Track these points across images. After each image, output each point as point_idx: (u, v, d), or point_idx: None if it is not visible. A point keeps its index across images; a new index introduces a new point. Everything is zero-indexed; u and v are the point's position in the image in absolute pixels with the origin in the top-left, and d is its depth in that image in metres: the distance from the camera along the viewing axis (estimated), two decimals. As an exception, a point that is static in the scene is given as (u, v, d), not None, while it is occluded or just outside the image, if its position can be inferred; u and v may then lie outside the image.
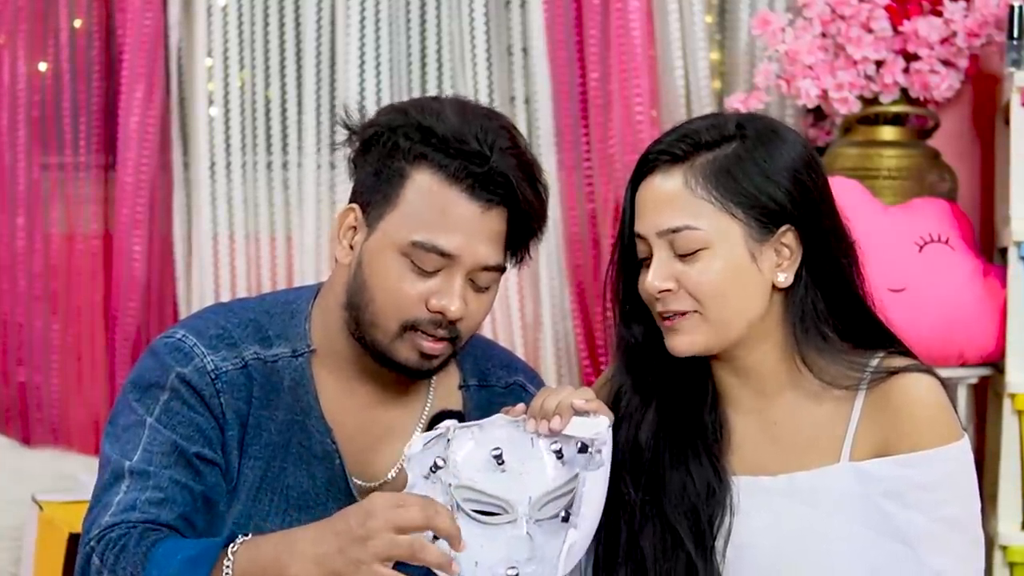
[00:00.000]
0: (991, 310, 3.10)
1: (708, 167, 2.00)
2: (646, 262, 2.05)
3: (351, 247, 2.07)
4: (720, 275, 2.00)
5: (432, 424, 2.08)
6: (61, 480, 3.30)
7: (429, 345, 2.03)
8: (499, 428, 2.00)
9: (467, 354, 2.18)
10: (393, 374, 2.10)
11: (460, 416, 2.11)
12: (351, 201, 2.09)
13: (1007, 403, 3.02)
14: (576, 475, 1.95)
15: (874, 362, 2.04)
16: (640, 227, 2.04)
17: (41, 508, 3.09)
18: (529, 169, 2.05)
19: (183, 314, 3.50)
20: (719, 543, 2.04)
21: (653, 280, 2.01)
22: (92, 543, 1.98)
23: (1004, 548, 3.04)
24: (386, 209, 2.03)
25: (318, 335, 2.12)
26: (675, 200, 2.00)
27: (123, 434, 2.05)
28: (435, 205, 2.00)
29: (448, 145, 2.01)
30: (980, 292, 3.11)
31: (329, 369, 2.11)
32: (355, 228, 2.07)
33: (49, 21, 3.55)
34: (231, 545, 1.91)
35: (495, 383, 2.22)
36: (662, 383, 2.10)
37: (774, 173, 2.01)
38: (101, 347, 3.55)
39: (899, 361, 2.04)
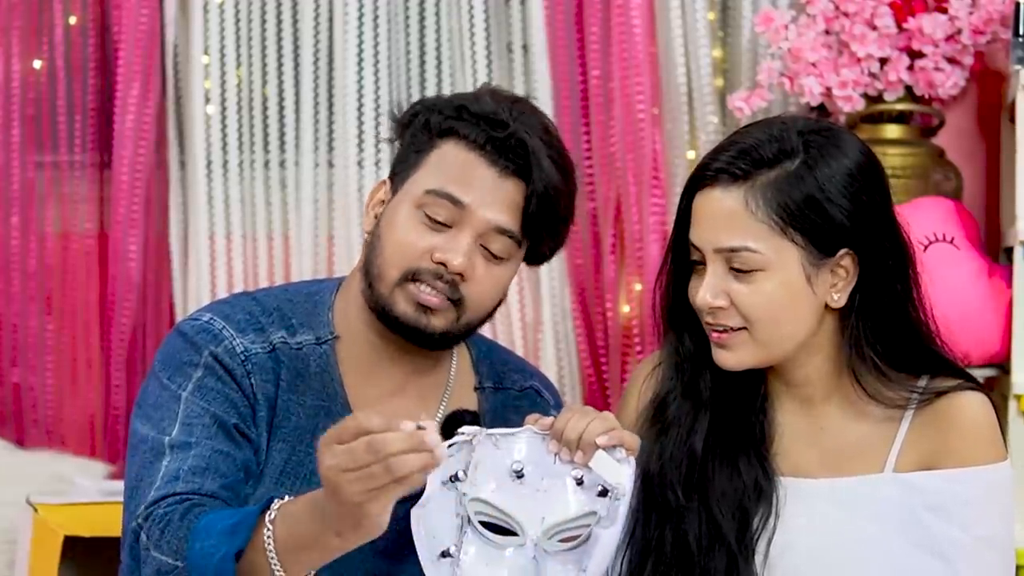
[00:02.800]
0: (996, 310, 3.08)
1: (768, 188, 1.98)
2: (697, 268, 2.05)
3: (376, 218, 2.12)
4: (773, 298, 1.99)
5: (446, 423, 2.08)
6: (56, 482, 3.29)
7: (426, 296, 2.05)
8: (524, 441, 1.98)
9: (483, 358, 2.23)
10: (413, 360, 2.12)
11: (475, 416, 2.11)
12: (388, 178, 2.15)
13: (1013, 404, 3.00)
14: (594, 512, 1.95)
15: (923, 382, 2.05)
16: (696, 238, 2.03)
17: (36, 510, 3.07)
18: (554, 152, 2.08)
19: (180, 315, 3.48)
20: (761, 543, 2.05)
21: (705, 295, 2.01)
22: (139, 520, 1.97)
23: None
24: (409, 173, 2.09)
25: (340, 324, 2.15)
26: (734, 219, 1.98)
27: (155, 412, 2.06)
28: (455, 164, 2.06)
29: (477, 119, 2.06)
30: (985, 292, 3.09)
31: (350, 360, 2.14)
32: (384, 201, 2.12)
33: (43, 18, 3.52)
34: (268, 512, 1.89)
35: (510, 386, 2.25)
36: (713, 388, 2.09)
37: (835, 195, 1.99)
38: (96, 348, 3.52)
39: (949, 381, 2.04)
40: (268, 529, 1.87)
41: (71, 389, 3.53)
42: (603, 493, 1.95)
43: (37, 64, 3.54)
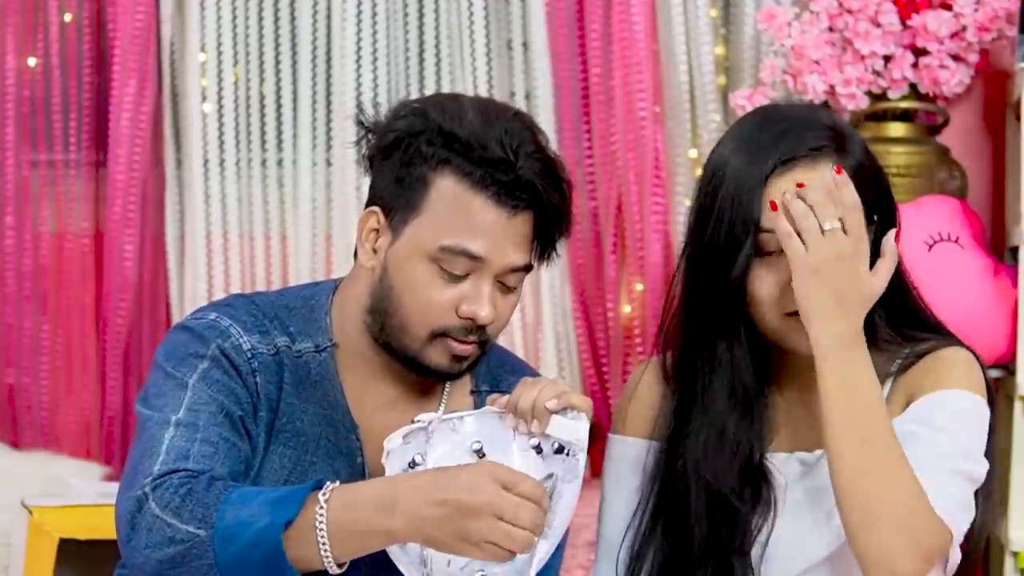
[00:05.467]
0: (1002, 310, 3.06)
1: (843, 158, 2.06)
2: (763, 258, 2.05)
3: (374, 251, 2.07)
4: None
5: None
6: (51, 484, 3.29)
7: (460, 347, 2.05)
8: (480, 421, 2.01)
9: (480, 360, 2.19)
10: (414, 376, 2.11)
11: None
12: (370, 203, 2.09)
13: (1018, 406, 2.99)
14: (552, 475, 1.96)
15: (905, 350, 2.10)
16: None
17: (31, 513, 3.06)
18: (553, 172, 2.05)
19: (176, 315, 3.46)
20: (756, 550, 2.08)
21: None
22: (145, 489, 1.93)
23: (1016, 554, 2.99)
24: (410, 215, 2.03)
25: (338, 332, 2.12)
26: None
27: (159, 399, 2.03)
28: (461, 210, 2.01)
29: (471, 151, 2.00)
30: (991, 292, 3.07)
31: (350, 369, 2.12)
32: (377, 231, 2.07)
33: (38, 15, 3.49)
34: (322, 491, 1.88)
35: (506, 389, 2.19)
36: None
37: (874, 162, 2.10)
38: (92, 348, 3.50)
39: (929, 344, 2.10)
40: (321, 508, 1.87)
41: (66, 390, 3.51)
42: (559, 451, 1.98)
43: (32, 61, 3.51)
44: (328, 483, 1.90)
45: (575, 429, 1.96)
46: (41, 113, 3.51)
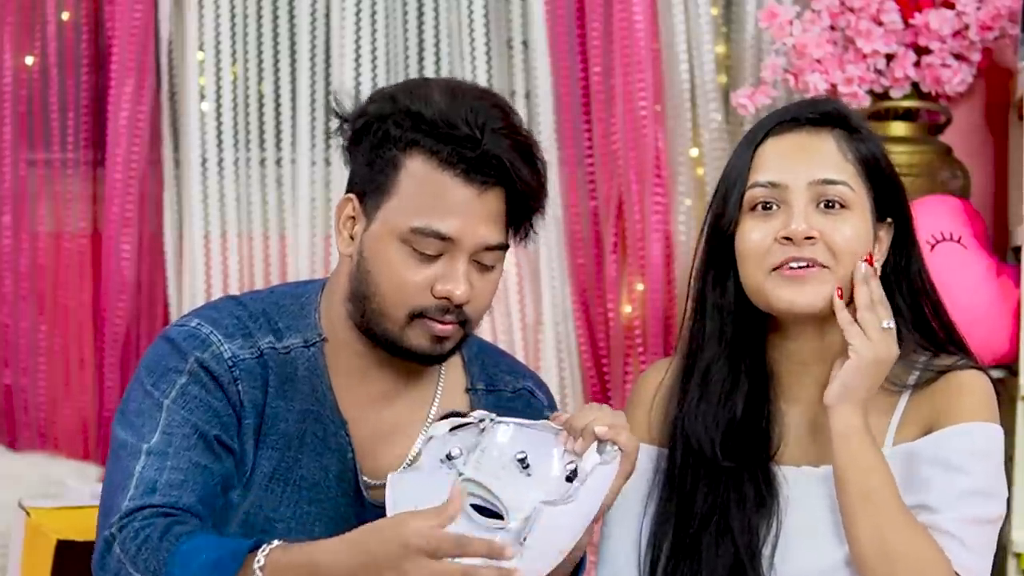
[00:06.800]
0: (1005, 311, 3.05)
1: (850, 139, 2.12)
2: (756, 213, 2.10)
3: (351, 238, 2.08)
4: (855, 236, 2.08)
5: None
6: (49, 485, 3.27)
7: (440, 327, 2.04)
8: (533, 432, 1.97)
9: (475, 358, 2.21)
10: (403, 367, 2.11)
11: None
12: (348, 191, 2.10)
13: (1020, 407, 2.97)
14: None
15: (923, 358, 2.11)
16: (778, 175, 2.09)
17: (28, 514, 3.04)
18: (524, 147, 2.05)
19: (174, 315, 3.46)
20: (766, 548, 2.09)
21: (799, 225, 2.06)
22: (113, 530, 1.96)
23: (1019, 556, 2.98)
24: (382, 199, 2.04)
25: (327, 327, 2.12)
26: (831, 157, 2.11)
27: (136, 418, 2.04)
28: (430, 190, 2.01)
29: (438, 129, 2.01)
30: (993, 292, 3.06)
31: (339, 364, 2.12)
32: (354, 218, 2.08)
33: (36, 13, 3.49)
34: (257, 554, 1.87)
35: (503, 388, 2.23)
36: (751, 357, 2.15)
37: (889, 163, 2.14)
38: (89, 348, 3.50)
39: (948, 360, 2.11)
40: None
41: (64, 391, 3.51)
42: (570, 478, 1.95)
43: (29, 60, 3.51)
44: (265, 545, 1.88)
45: (588, 457, 1.94)
46: (39, 112, 3.51)
